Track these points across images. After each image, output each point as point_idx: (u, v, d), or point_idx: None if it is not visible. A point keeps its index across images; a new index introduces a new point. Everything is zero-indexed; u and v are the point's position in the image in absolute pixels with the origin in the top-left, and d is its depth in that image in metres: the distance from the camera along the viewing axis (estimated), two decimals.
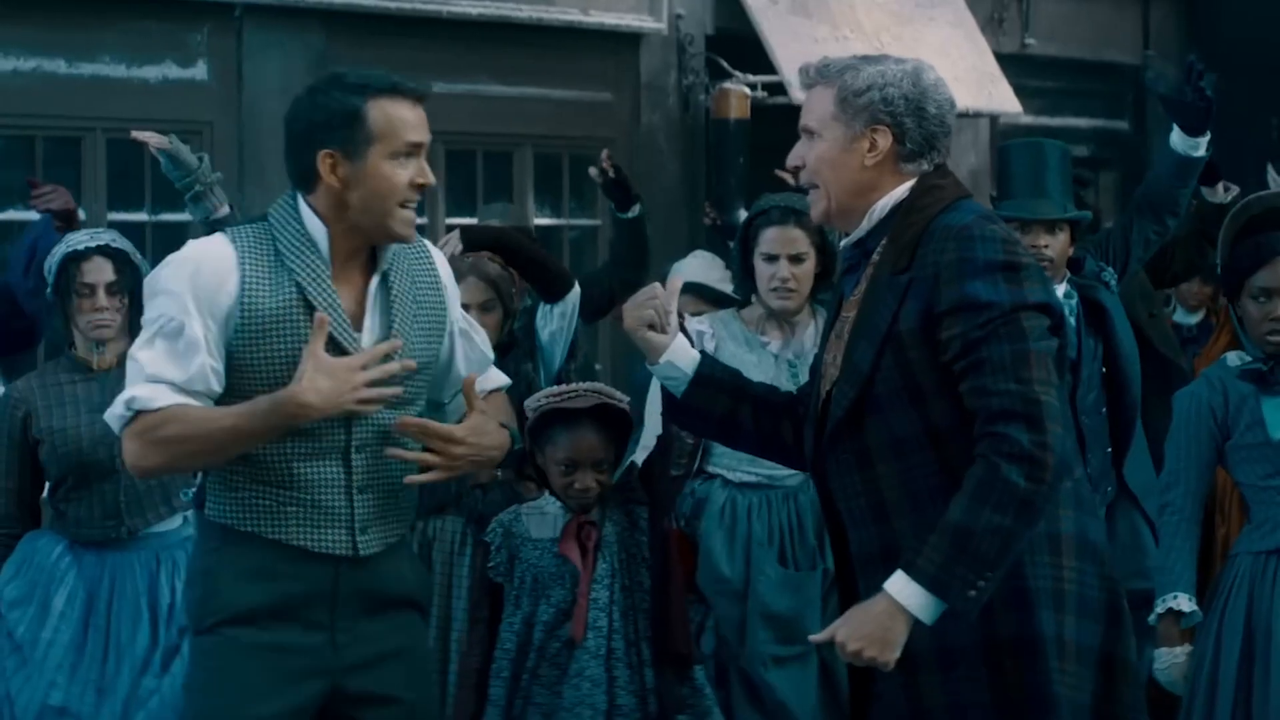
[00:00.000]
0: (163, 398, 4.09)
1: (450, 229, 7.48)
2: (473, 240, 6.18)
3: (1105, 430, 6.22)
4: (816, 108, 4.08)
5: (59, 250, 5.82)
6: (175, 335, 4.12)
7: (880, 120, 4.01)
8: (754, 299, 6.18)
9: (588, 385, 5.36)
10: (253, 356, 4.14)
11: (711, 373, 4.30)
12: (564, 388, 5.37)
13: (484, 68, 11.06)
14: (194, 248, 4.23)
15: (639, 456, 5.63)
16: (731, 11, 12.03)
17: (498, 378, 4.56)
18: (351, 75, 4.24)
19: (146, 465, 4.19)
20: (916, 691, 3.96)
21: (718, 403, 4.29)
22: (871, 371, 3.91)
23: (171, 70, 10.06)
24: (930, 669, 3.93)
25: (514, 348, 6.11)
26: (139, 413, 4.10)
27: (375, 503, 4.25)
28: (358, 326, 4.20)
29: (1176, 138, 6.54)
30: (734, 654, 6.02)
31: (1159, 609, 5.47)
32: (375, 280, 4.24)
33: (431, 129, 4.28)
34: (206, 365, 4.11)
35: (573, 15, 11.48)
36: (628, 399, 5.34)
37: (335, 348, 4.15)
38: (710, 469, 6.38)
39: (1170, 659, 5.50)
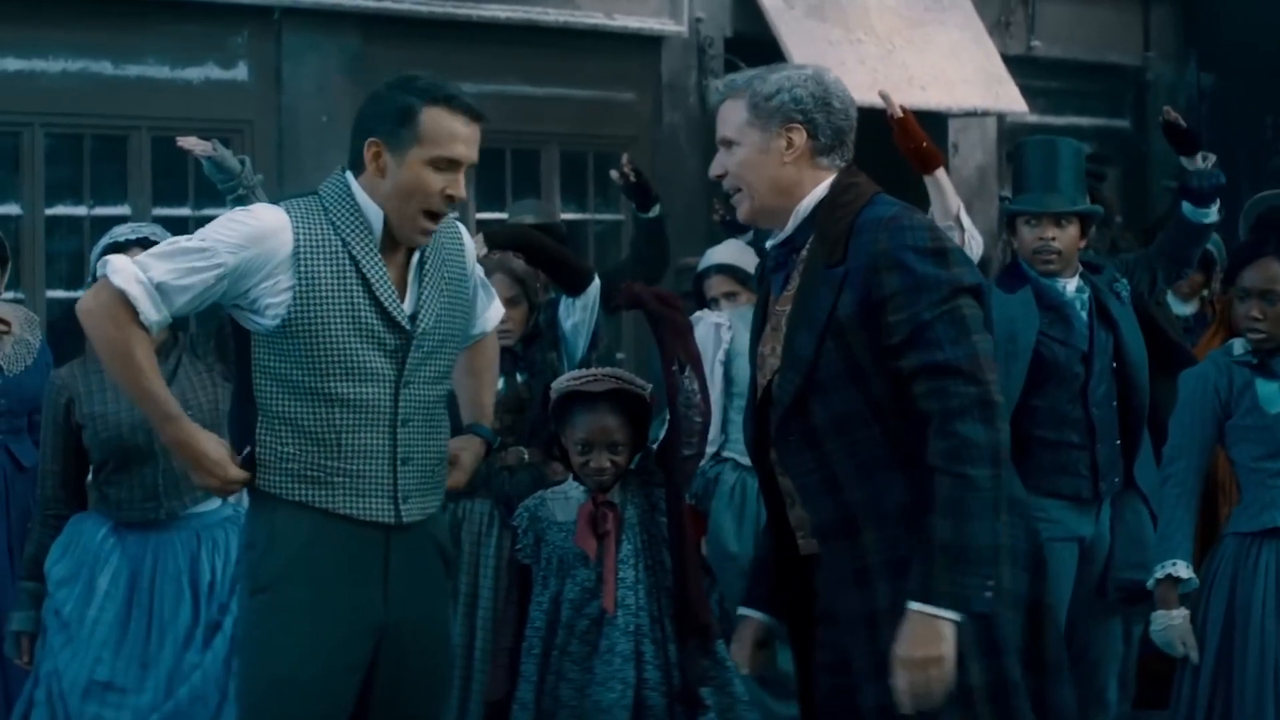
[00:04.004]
0: (127, 280, 4.16)
1: (480, 224, 7.72)
2: (495, 240, 6.30)
3: (1115, 422, 6.30)
4: (731, 118, 4.20)
5: (102, 242, 5.84)
6: (191, 252, 4.23)
7: (793, 118, 4.14)
8: None
9: (606, 370, 5.45)
10: (313, 320, 4.24)
11: (764, 588, 4.54)
12: (584, 371, 5.48)
13: (513, 69, 11.12)
14: (252, 208, 4.38)
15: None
16: (749, 15, 12.07)
17: (496, 314, 4.82)
18: (423, 79, 4.33)
19: (85, 322, 4.23)
20: (875, 647, 4.03)
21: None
22: (815, 358, 4.04)
23: (213, 72, 10.19)
24: (880, 625, 4.03)
25: (539, 338, 6.28)
26: (105, 277, 4.19)
27: (416, 474, 4.35)
28: (401, 299, 4.34)
29: (1188, 208, 6.66)
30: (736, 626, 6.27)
31: (1158, 574, 5.63)
32: (415, 259, 4.38)
33: None
34: (196, 290, 4.20)
35: (597, 18, 11.57)
36: (649, 386, 5.42)
37: (383, 315, 4.28)
38: (725, 453, 6.63)
39: (1166, 621, 5.66)
